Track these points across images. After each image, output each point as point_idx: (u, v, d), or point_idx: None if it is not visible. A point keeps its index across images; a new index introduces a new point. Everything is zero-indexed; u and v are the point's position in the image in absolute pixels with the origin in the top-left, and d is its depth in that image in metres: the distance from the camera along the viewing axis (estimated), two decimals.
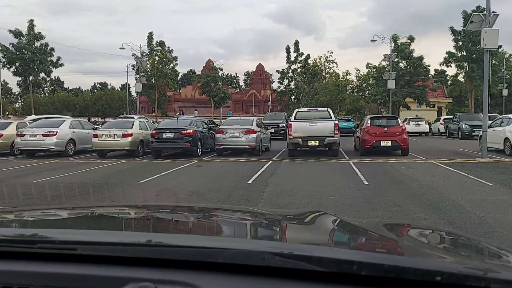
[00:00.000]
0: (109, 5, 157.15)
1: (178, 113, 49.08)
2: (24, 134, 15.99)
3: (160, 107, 47.35)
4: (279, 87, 53.53)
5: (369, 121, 15.77)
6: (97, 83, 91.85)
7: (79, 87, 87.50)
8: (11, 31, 38.12)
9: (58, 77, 76.09)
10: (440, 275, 0.93)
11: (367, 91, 44.83)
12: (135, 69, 40.58)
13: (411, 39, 39.20)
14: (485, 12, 14.22)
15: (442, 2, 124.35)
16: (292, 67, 47.41)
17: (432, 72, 47.91)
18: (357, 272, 0.96)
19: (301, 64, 47.40)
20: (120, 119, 18.97)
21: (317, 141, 15.00)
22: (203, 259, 1.03)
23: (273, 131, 23.07)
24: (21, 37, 38.35)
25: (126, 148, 15.78)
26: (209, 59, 57.58)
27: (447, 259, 1.26)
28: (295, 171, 11.52)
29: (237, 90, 76.18)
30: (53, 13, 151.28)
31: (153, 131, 15.82)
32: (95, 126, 21.57)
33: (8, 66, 39.50)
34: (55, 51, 39.88)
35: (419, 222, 5.65)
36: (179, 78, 55.51)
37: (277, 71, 49.61)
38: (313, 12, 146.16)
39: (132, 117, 20.99)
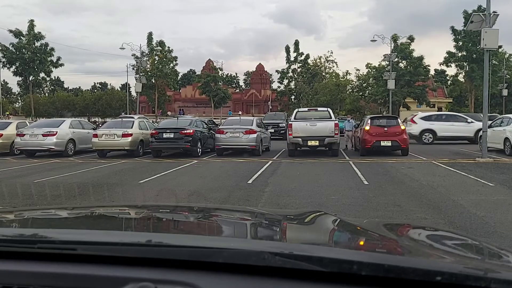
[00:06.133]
0: (109, 5, 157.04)
1: (178, 112, 49.11)
2: (24, 134, 16.00)
3: (160, 107, 47.37)
4: (279, 87, 53.58)
5: (369, 121, 15.77)
6: (97, 83, 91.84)
7: (79, 87, 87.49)
8: (11, 31, 38.19)
9: (58, 77, 76.18)
10: (440, 275, 0.93)
11: (367, 91, 44.84)
12: (135, 69, 40.62)
13: (411, 39, 39.24)
14: (485, 12, 14.22)
15: (442, 2, 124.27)
16: (292, 67, 47.43)
17: (432, 72, 47.95)
18: (357, 272, 0.96)
19: (301, 64, 47.42)
20: (120, 119, 18.97)
21: (317, 141, 15.01)
22: (203, 259, 1.03)
23: (273, 131, 23.08)
24: (21, 37, 38.38)
25: (126, 148, 15.78)
26: (209, 59, 57.66)
27: (447, 259, 1.26)
28: (295, 171, 11.52)
29: (237, 90, 76.16)
30: (53, 13, 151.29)
31: (153, 131, 15.83)
32: (95, 126, 21.57)
33: (8, 66, 39.55)
34: (55, 51, 39.99)
35: (419, 222, 5.65)
36: (179, 78, 55.63)
37: (277, 71, 49.67)
38: (314, 12, 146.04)
39: (132, 117, 20.97)
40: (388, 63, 35.87)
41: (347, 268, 0.97)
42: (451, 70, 55.20)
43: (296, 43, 47.41)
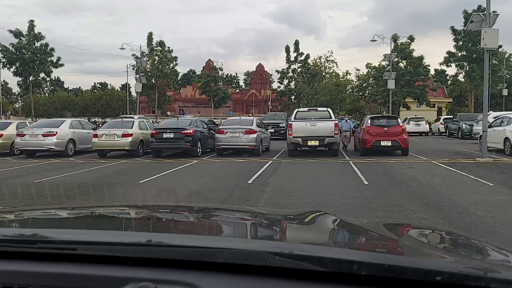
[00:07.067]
0: (109, 5, 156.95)
1: (178, 112, 49.14)
2: (24, 134, 16.00)
3: (160, 107, 47.36)
4: (279, 87, 53.62)
5: (369, 121, 15.78)
6: (97, 83, 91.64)
7: (79, 87, 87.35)
8: (11, 31, 38.17)
9: (58, 77, 76.01)
10: (440, 275, 0.93)
11: (367, 91, 44.85)
12: (135, 69, 40.57)
13: (411, 39, 39.24)
14: (485, 12, 14.22)
15: (442, 2, 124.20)
16: (292, 67, 47.41)
17: (432, 72, 47.96)
18: (357, 272, 0.96)
19: (301, 64, 47.40)
20: (120, 119, 18.98)
21: (317, 141, 15.01)
22: (203, 259, 1.03)
23: (273, 131, 23.06)
24: (21, 37, 38.36)
25: (126, 148, 15.78)
26: (209, 59, 57.60)
27: (447, 259, 1.26)
28: (295, 171, 11.52)
29: (237, 90, 76.14)
30: (53, 13, 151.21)
31: (153, 131, 15.83)
32: (95, 126, 21.57)
33: (8, 66, 39.51)
34: (55, 51, 39.94)
35: (419, 222, 5.65)
36: (179, 78, 55.56)
37: (277, 71, 49.64)
38: (314, 12, 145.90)
39: (132, 117, 20.97)
40: (388, 63, 35.87)
41: (347, 268, 0.97)
42: (451, 70, 55.34)
43: (296, 43, 47.39)
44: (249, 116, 34.70)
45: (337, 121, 15.93)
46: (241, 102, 67.25)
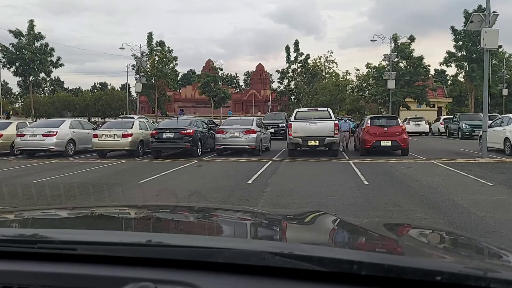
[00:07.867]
0: (109, 5, 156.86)
1: (179, 112, 49.14)
2: (24, 134, 16.00)
3: (160, 107, 47.36)
4: (279, 87, 53.58)
5: (369, 121, 15.78)
6: (97, 83, 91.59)
7: (79, 87, 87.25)
8: (11, 31, 38.18)
9: (58, 77, 75.98)
10: (440, 275, 0.93)
11: (367, 91, 44.84)
12: (135, 69, 40.57)
13: (412, 39, 39.25)
14: (485, 12, 14.22)
15: (442, 2, 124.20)
16: (292, 67, 47.40)
17: (432, 72, 47.96)
18: (357, 272, 0.96)
19: (301, 64, 47.39)
20: (120, 119, 18.98)
21: (317, 141, 15.02)
22: (203, 259, 1.03)
23: (273, 131, 23.06)
24: (21, 37, 38.38)
25: (126, 148, 15.79)
26: (209, 59, 57.56)
27: (447, 259, 1.26)
28: (295, 171, 11.52)
29: (237, 90, 76.12)
30: (53, 13, 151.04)
31: (153, 131, 15.83)
32: (95, 126, 21.57)
33: (8, 66, 39.52)
34: (55, 51, 39.97)
35: (419, 222, 5.65)
36: (179, 78, 55.57)
37: (277, 71, 49.61)
38: (314, 12, 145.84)
39: (132, 117, 20.97)
40: (388, 63, 35.87)
41: (347, 268, 0.97)
42: (451, 70, 55.35)
43: (296, 43, 47.35)
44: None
45: (337, 121, 15.93)
46: (241, 102, 67.22)
